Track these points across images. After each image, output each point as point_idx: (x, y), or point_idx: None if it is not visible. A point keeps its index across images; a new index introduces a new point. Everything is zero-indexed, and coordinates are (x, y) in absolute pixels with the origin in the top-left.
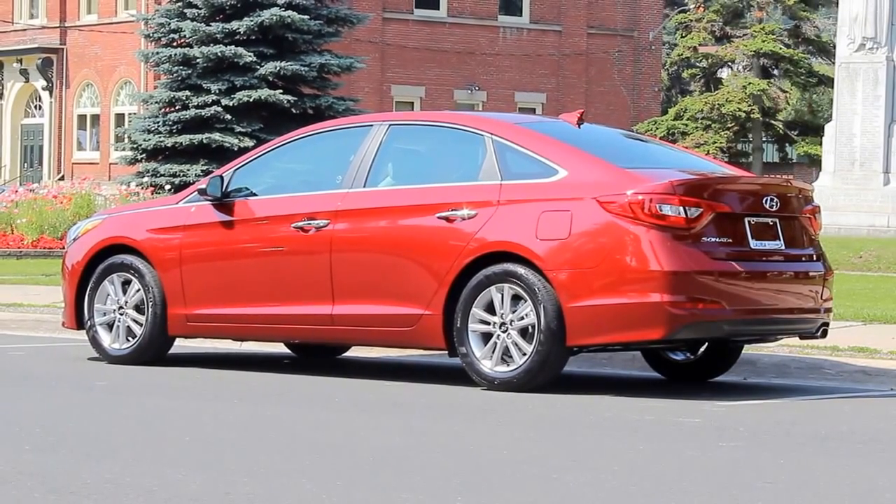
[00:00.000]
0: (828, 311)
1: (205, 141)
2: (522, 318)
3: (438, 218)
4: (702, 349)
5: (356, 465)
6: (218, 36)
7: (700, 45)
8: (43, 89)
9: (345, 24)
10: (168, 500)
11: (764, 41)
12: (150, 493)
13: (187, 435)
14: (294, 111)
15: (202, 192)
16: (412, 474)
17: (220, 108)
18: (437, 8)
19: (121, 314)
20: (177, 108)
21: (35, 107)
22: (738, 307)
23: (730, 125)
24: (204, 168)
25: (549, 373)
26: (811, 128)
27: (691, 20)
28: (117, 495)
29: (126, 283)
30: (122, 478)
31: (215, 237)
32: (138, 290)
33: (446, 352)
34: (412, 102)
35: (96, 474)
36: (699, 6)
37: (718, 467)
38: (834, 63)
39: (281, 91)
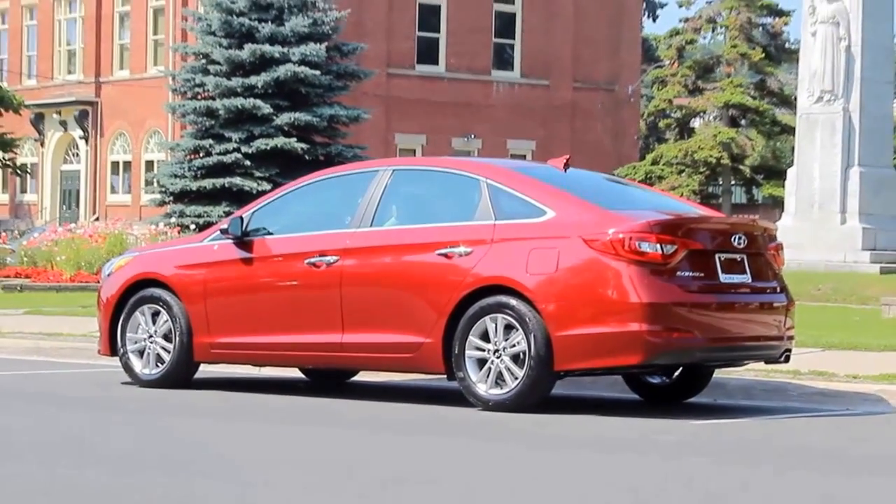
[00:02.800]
0: (790, 338)
1: (226, 185)
2: (514, 346)
3: (438, 255)
4: (676, 373)
5: (367, 480)
6: (238, 90)
7: (675, 97)
8: (80, 138)
9: (353, 79)
10: None
11: (732, 94)
12: None
13: (212, 451)
14: (307, 158)
15: (224, 231)
16: (416, 486)
17: (240, 155)
18: (437, 64)
19: (151, 342)
20: (201, 155)
21: (73, 154)
22: (710, 335)
23: (702, 170)
24: (225, 209)
25: (538, 395)
26: (775, 172)
27: (667, 75)
28: None
29: (155, 314)
30: (153, 491)
31: (236, 272)
32: (166, 320)
33: (445, 376)
34: (414, 149)
35: (128, 487)
36: (674, 62)
37: (694, 480)
38: (795, 113)
39: (295, 139)
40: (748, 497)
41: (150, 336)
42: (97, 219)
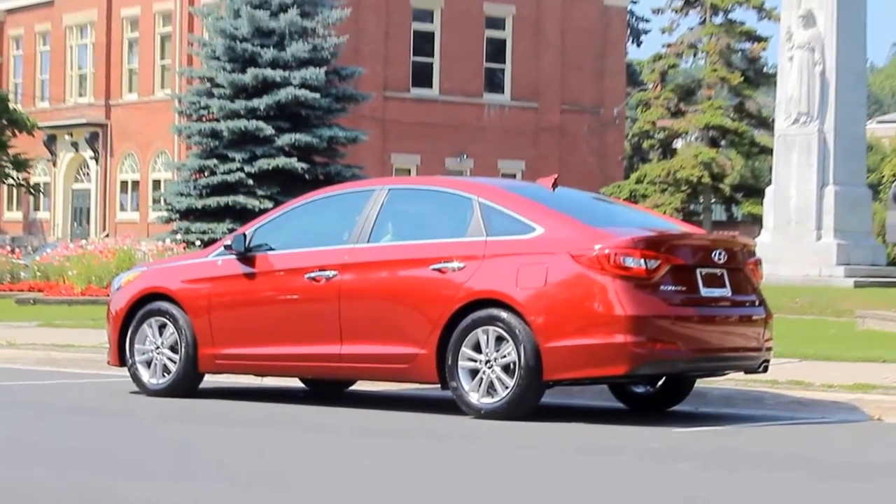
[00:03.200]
0: (769, 349)
1: (230, 203)
2: (505, 357)
3: (432, 270)
4: (660, 383)
5: (367, 483)
6: (241, 112)
7: (658, 119)
8: (90, 159)
9: (351, 102)
10: None
11: (713, 116)
12: None
13: (216, 457)
14: (307, 177)
15: (228, 247)
16: (411, 488)
17: (243, 175)
18: (431, 87)
19: (158, 353)
20: (206, 174)
21: (84, 174)
22: (692, 347)
23: (683, 188)
24: (229, 226)
25: (528, 404)
26: (754, 190)
27: (650, 98)
28: None
29: (162, 327)
30: (158, 495)
31: (239, 287)
32: (173, 332)
33: (439, 385)
34: (409, 169)
35: (136, 490)
36: (657, 86)
37: (677, 483)
38: (773, 135)
39: (296, 159)
40: (730, 500)
41: (158, 347)
42: (107, 235)
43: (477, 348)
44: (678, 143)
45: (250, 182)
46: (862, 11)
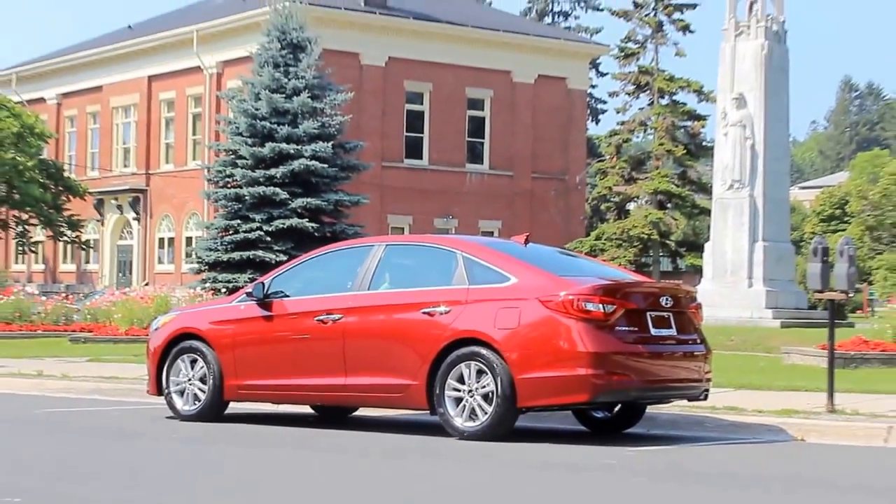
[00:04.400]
0: (708, 380)
1: (251, 256)
2: (485, 387)
3: (422, 313)
4: (616, 409)
5: (369, 497)
6: (261, 180)
7: (614, 185)
8: (133, 219)
9: (354, 171)
10: None
11: (660, 182)
12: None
13: (240, 474)
14: (317, 234)
15: (249, 294)
16: (412, 497)
17: (262, 233)
18: (421, 158)
19: (189, 384)
20: (230, 232)
21: (127, 232)
22: (643, 378)
23: (635, 244)
24: (250, 276)
25: (504, 427)
26: (695, 246)
27: (607, 167)
28: None
29: (193, 362)
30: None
31: (259, 327)
32: (202, 366)
33: (429, 411)
34: (403, 227)
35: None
36: (613, 157)
37: (633, 495)
38: (711, 198)
39: (307, 220)
40: None
41: (189, 379)
42: (147, 284)
43: (461, 380)
44: (631, 206)
45: (268, 239)
46: (785, 95)
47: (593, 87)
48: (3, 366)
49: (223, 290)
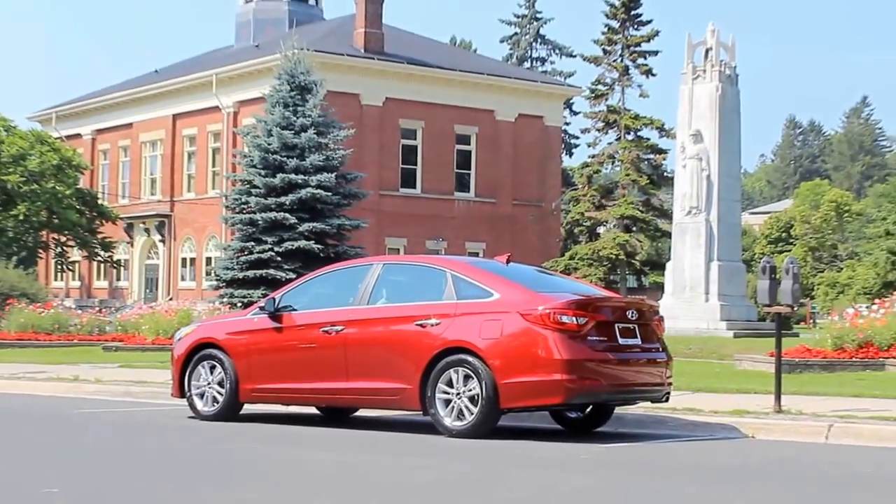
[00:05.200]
0: (670, 384)
1: (263, 274)
2: (471, 390)
3: (416, 325)
4: (588, 409)
5: (372, 485)
6: (272, 206)
7: (585, 211)
8: (159, 241)
9: (355, 198)
10: None
11: (626, 209)
12: None
13: (254, 467)
14: (322, 255)
15: (262, 308)
16: (397, 491)
17: (273, 253)
18: (415, 187)
19: (209, 388)
20: (245, 253)
21: (154, 253)
22: (612, 382)
23: (605, 263)
24: (263, 292)
25: (488, 426)
26: (657, 265)
27: (579, 195)
28: None
29: (212, 368)
30: (212, 496)
31: (270, 337)
32: (220, 371)
33: (421, 412)
34: (399, 248)
35: (193, 494)
36: (584, 186)
37: (604, 486)
38: (671, 222)
39: (313, 242)
40: (641, 495)
41: (209, 383)
42: (171, 299)
43: (450, 384)
44: (601, 229)
45: (279, 259)
46: (737, 131)
47: (567, 124)
48: (43, 371)
49: (239, 304)
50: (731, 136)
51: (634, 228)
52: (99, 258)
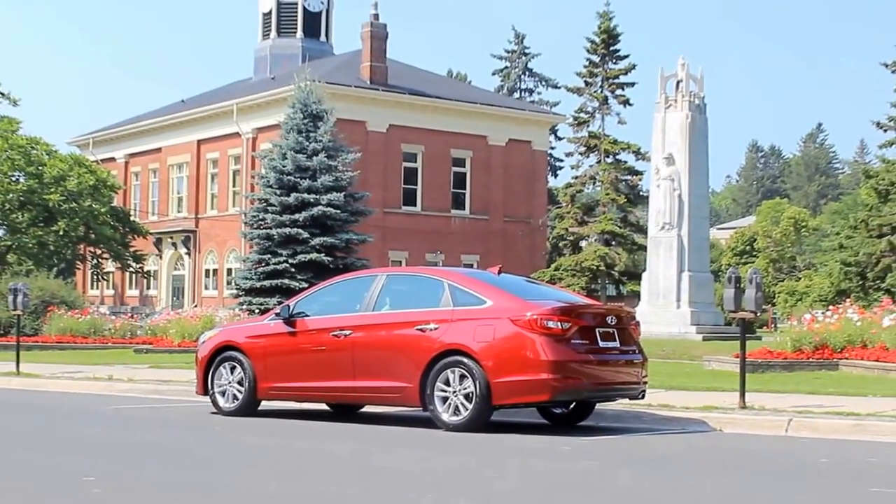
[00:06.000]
0: (645, 383)
1: (279, 284)
2: (466, 388)
3: (416, 329)
4: (571, 406)
5: (380, 473)
6: (287, 223)
7: (569, 227)
8: (185, 254)
9: (361, 215)
10: (272, 498)
11: (606, 224)
12: (256, 496)
13: (273, 458)
14: (331, 266)
15: (277, 314)
16: (402, 477)
17: (288, 265)
18: (416, 205)
19: (230, 386)
20: (262, 264)
21: (180, 265)
22: (593, 381)
23: (587, 274)
24: (278, 300)
25: (482, 421)
26: (634, 275)
27: (564, 212)
28: (230, 498)
29: (233, 368)
30: (234, 484)
31: (285, 341)
32: (240, 371)
33: (421, 408)
34: (401, 261)
35: (216, 482)
36: (568, 204)
37: (586, 475)
38: (647, 237)
39: (324, 255)
40: (623, 484)
41: (230, 382)
42: (196, 306)
43: (447, 383)
44: (583, 243)
45: (293, 270)
46: (705, 155)
47: (552, 148)
48: (80, 371)
49: (256, 311)
50: (700, 159)
51: (613, 242)
52: (131, 269)
